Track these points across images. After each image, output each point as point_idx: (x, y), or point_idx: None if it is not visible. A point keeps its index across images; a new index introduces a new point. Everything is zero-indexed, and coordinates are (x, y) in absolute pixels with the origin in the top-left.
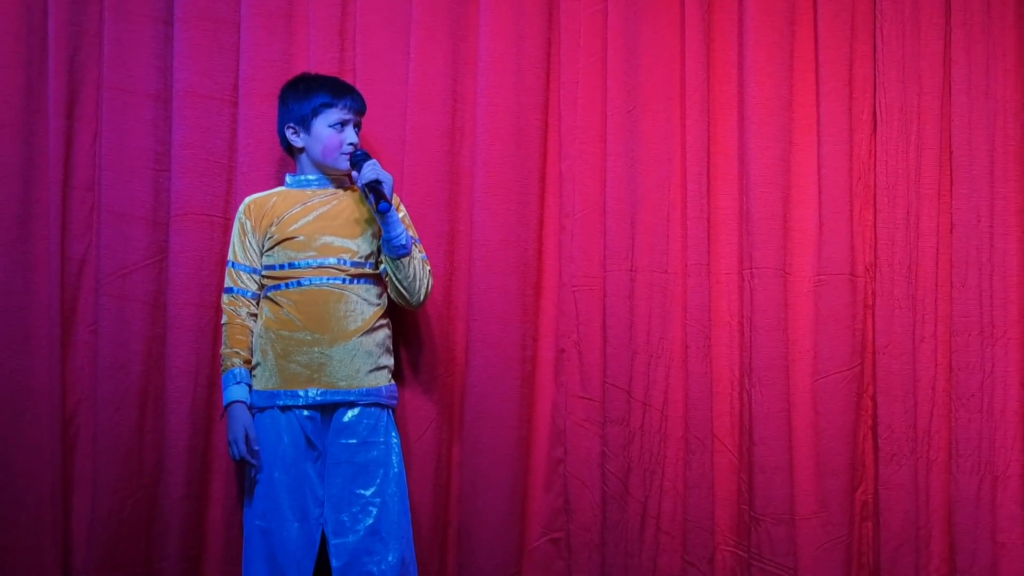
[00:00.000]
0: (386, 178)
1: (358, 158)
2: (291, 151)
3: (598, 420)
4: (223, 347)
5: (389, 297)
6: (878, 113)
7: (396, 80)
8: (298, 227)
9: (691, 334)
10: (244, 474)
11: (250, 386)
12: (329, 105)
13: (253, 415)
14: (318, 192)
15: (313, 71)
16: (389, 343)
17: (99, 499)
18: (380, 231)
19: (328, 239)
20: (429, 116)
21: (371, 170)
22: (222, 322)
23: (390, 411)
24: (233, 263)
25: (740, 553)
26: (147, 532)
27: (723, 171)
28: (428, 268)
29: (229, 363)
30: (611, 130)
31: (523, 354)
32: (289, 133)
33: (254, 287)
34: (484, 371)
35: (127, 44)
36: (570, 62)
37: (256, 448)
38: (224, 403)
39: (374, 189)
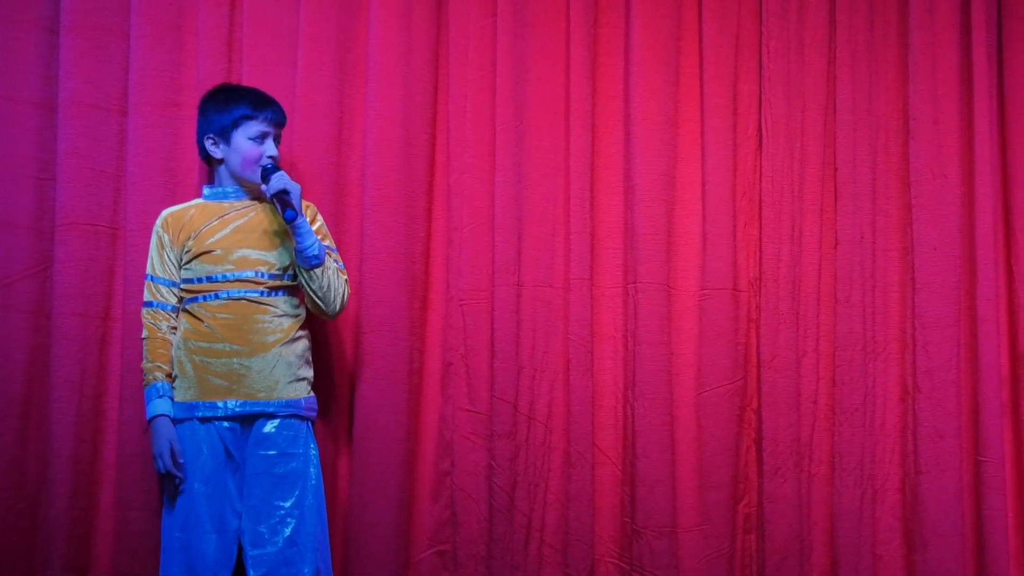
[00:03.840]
0: (294, 188)
1: (267, 171)
2: (210, 162)
3: (485, 434)
4: (144, 361)
5: (308, 308)
6: (763, 128)
7: (284, 91)
8: (215, 240)
9: (574, 348)
10: (164, 485)
11: (172, 399)
12: (249, 117)
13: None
14: (235, 205)
15: (201, 82)
16: (308, 355)
17: None
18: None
19: (245, 252)
20: (317, 128)
21: (279, 180)
22: (142, 336)
23: (309, 423)
24: (152, 277)
25: (622, 565)
26: (30, 542)
27: (608, 186)
28: (344, 278)
29: (151, 377)
30: (499, 144)
31: (410, 367)
32: (209, 144)
33: (173, 300)
34: (372, 383)
35: (12, 52)
36: (459, 76)
37: (181, 461)
38: (147, 417)
39: (281, 199)
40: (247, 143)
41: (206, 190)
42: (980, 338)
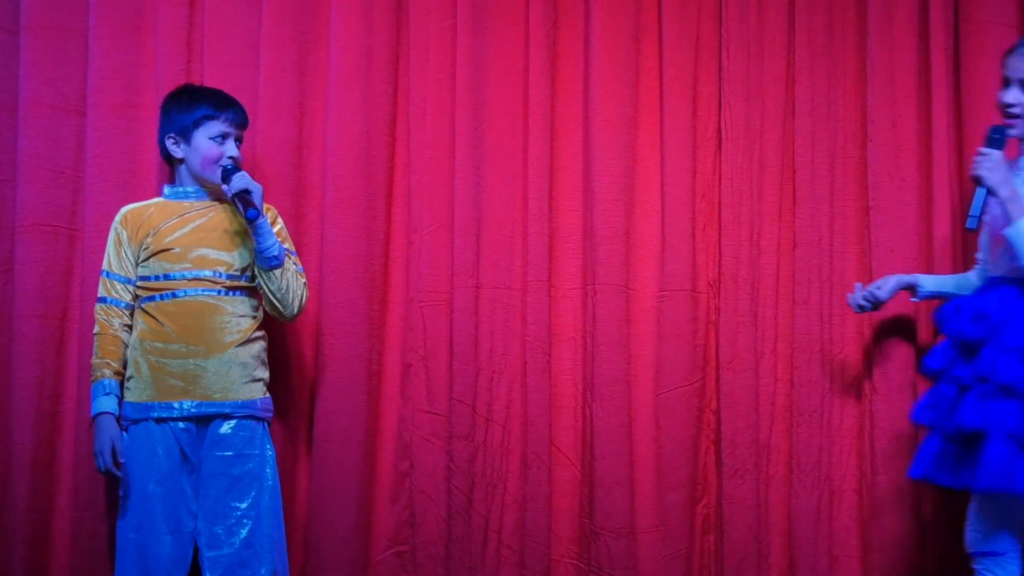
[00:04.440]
0: (255, 188)
1: (228, 171)
2: (170, 162)
3: (444, 435)
4: (94, 357)
5: (265, 310)
6: (723, 131)
7: (245, 92)
8: (174, 239)
9: (532, 350)
10: (117, 485)
11: (119, 398)
12: (211, 117)
13: (124, 427)
14: (196, 204)
15: (160, 83)
16: (264, 356)
17: None
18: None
19: (204, 251)
20: (278, 129)
21: (240, 180)
22: (94, 332)
23: (265, 424)
24: (107, 273)
25: (581, 566)
26: None
27: (567, 187)
28: (303, 280)
29: (99, 374)
30: (458, 146)
31: (370, 368)
32: (169, 143)
33: (128, 298)
34: (332, 385)
35: None
36: (419, 77)
37: (122, 461)
38: (92, 414)
39: (243, 198)
40: (208, 143)
41: (166, 189)
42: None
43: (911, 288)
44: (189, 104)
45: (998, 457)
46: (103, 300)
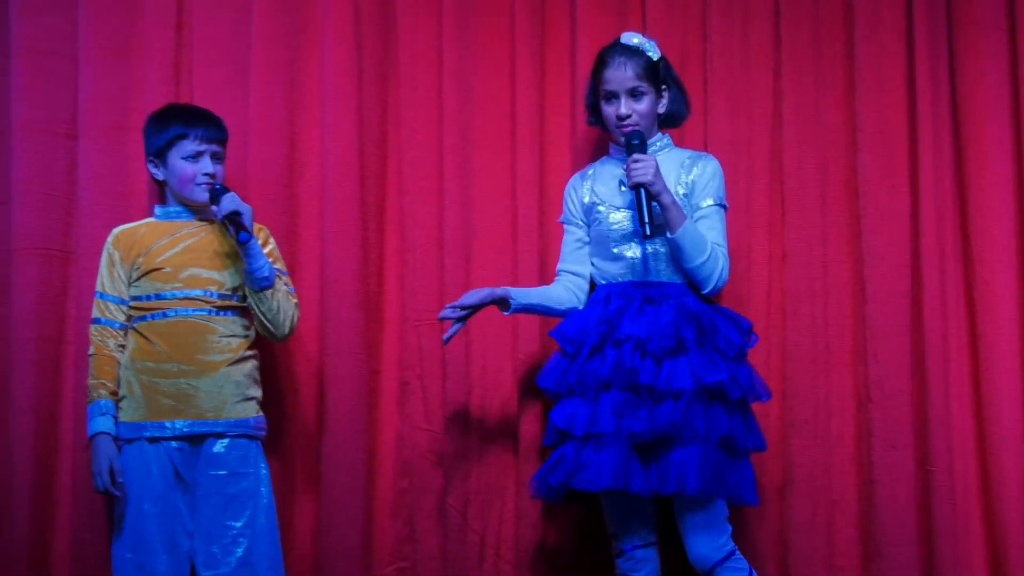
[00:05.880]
0: (245, 209)
1: (217, 192)
2: (158, 183)
3: (440, 452)
4: (90, 378)
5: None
6: (708, 144)
7: (236, 113)
8: (165, 258)
9: (523, 367)
10: (113, 506)
11: (115, 417)
12: (182, 136)
13: (119, 447)
14: (187, 224)
15: (150, 105)
16: (257, 374)
17: None
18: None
19: (195, 271)
20: (270, 149)
21: (230, 201)
22: (89, 353)
23: (259, 442)
24: (101, 294)
25: None
26: None
27: (558, 203)
28: (295, 301)
29: (95, 394)
30: (447, 166)
31: (370, 386)
32: (151, 167)
33: (122, 318)
34: (337, 404)
35: None
36: (408, 96)
37: (120, 480)
38: (89, 434)
39: (233, 221)
40: (181, 163)
41: (157, 209)
42: (927, 349)
43: (502, 302)
44: (162, 125)
45: (707, 462)
46: (97, 321)
